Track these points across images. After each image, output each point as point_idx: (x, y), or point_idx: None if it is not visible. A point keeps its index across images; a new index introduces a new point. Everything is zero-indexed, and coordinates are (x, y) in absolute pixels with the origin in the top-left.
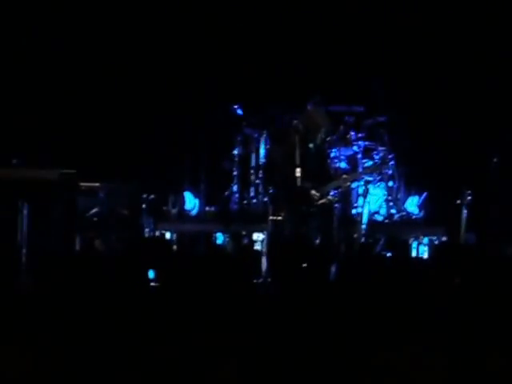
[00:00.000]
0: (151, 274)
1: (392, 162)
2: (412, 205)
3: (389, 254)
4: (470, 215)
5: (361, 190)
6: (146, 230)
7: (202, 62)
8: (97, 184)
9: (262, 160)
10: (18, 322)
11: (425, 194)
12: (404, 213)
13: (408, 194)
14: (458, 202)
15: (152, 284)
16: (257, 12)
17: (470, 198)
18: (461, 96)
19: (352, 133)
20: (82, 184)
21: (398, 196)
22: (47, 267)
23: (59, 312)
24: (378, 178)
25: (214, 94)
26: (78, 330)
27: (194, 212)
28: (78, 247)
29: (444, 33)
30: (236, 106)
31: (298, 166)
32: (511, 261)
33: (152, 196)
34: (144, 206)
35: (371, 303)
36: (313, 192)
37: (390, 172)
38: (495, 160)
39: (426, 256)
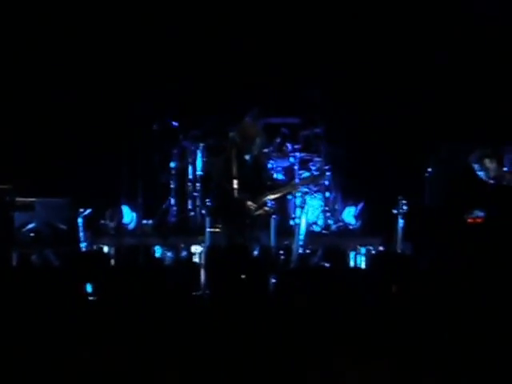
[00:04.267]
0: (89, 288)
1: (328, 173)
2: (349, 215)
3: (327, 265)
4: (406, 225)
5: (298, 201)
6: (84, 244)
7: (138, 76)
8: (33, 199)
9: (199, 172)
10: None
11: (361, 205)
12: (341, 223)
13: (345, 205)
14: (394, 211)
15: (90, 298)
16: (194, 26)
17: (405, 207)
18: (396, 108)
19: (288, 144)
20: (18, 199)
21: (335, 207)
22: None
23: None
24: (315, 189)
25: (150, 108)
26: (13, 345)
27: (131, 226)
28: (14, 263)
29: (379, 45)
30: (172, 119)
31: (235, 178)
32: (445, 268)
33: (89, 210)
34: (81, 220)
35: (309, 314)
36: (249, 203)
37: (327, 183)
38: (430, 170)
39: (363, 266)
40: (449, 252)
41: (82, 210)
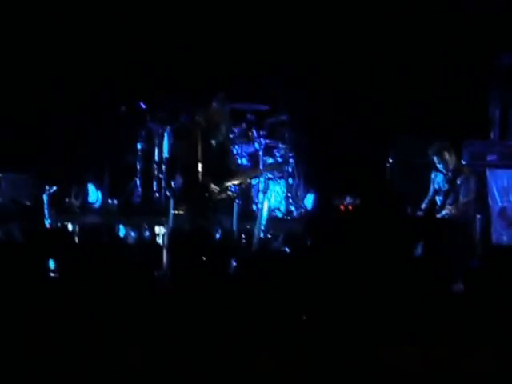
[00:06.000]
0: (51, 264)
1: (292, 160)
2: (310, 202)
3: (287, 250)
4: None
5: (261, 187)
6: (48, 221)
7: (106, 55)
8: None
9: (165, 155)
10: None
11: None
12: (303, 210)
13: (307, 192)
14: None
15: (52, 275)
16: (164, 7)
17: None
18: (359, 95)
19: (254, 130)
20: None
21: (298, 193)
22: None
23: None
24: (279, 176)
25: (118, 88)
26: None
27: (96, 204)
28: None
29: (342, 33)
30: (140, 101)
31: (200, 162)
32: None
33: (54, 187)
34: (46, 197)
35: (268, 299)
36: (213, 187)
37: (290, 170)
38: (391, 160)
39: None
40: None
41: (47, 187)
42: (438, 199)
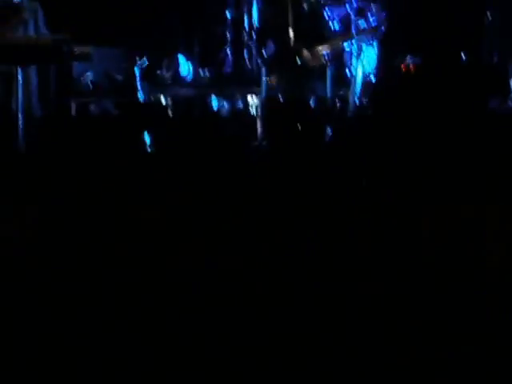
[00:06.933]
0: (147, 138)
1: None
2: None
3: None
4: None
5: (354, 51)
6: (141, 94)
7: None
8: (90, 48)
9: (255, 21)
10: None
11: None
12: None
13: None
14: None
15: (148, 149)
16: None
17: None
18: None
19: None
20: (76, 49)
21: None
22: (44, 131)
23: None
24: (372, 39)
25: None
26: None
27: (188, 77)
28: (73, 112)
29: None
30: None
31: (291, 27)
32: None
33: (145, 60)
34: (138, 70)
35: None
36: (305, 53)
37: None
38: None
39: None
40: None
41: (138, 60)
42: None
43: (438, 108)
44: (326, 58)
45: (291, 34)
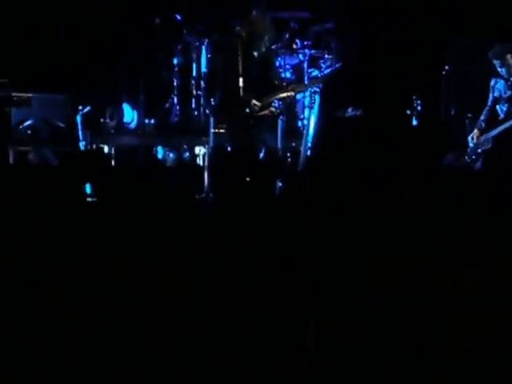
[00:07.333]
0: (88, 188)
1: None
2: None
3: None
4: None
5: (307, 101)
6: (83, 143)
7: None
8: (30, 94)
9: (203, 69)
10: None
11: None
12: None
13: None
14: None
15: (89, 199)
16: None
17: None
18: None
19: (298, 40)
20: (14, 94)
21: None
22: None
23: None
24: None
25: (153, 1)
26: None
27: (132, 125)
28: (11, 160)
29: None
30: (176, 13)
31: (241, 76)
32: None
33: (88, 107)
34: (80, 118)
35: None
36: (254, 102)
37: None
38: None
39: None
40: None
41: (80, 107)
42: (499, 108)
43: (383, 160)
44: (277, 107)
45: (241, 82)
